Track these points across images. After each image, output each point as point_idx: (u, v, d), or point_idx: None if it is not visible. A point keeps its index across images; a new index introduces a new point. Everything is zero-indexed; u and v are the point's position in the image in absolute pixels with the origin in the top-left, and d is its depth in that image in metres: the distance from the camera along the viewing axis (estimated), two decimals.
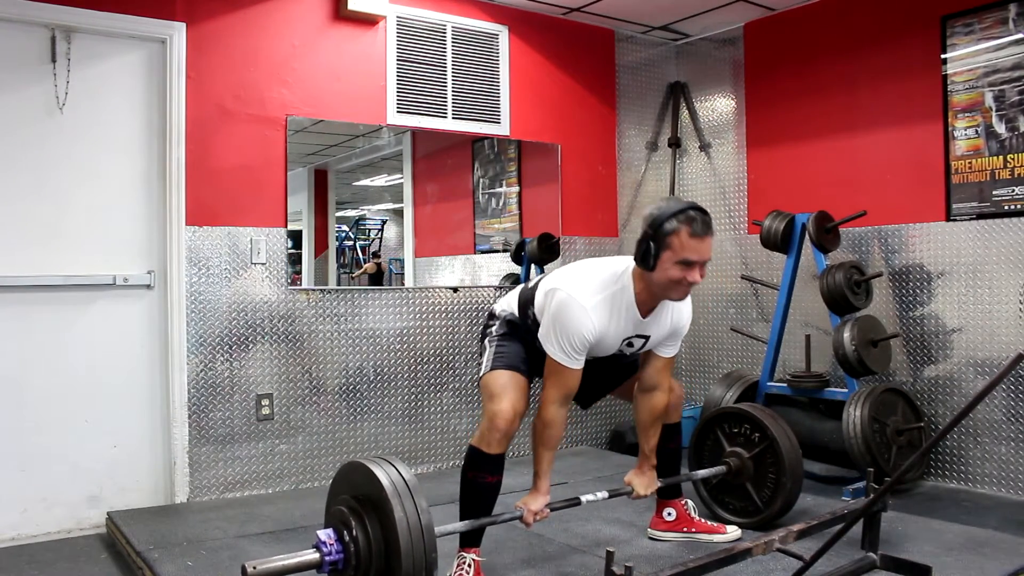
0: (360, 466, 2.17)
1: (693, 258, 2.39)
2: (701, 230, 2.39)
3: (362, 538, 2.06)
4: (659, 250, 2.40)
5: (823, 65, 4.51)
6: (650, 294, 2.51)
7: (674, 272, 2.41)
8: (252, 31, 3.85)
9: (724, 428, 3.22)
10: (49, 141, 3.46)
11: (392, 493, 2.04)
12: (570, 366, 2.50)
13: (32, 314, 3.42)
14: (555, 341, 2.49)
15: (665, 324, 2.64)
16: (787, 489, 3.00)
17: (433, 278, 4.71)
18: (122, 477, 3.57)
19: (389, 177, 4.98)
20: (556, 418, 2.52)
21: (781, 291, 4.34)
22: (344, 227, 5.22)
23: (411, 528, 2.01)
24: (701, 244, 2.40)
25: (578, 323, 2.45)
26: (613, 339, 2.57)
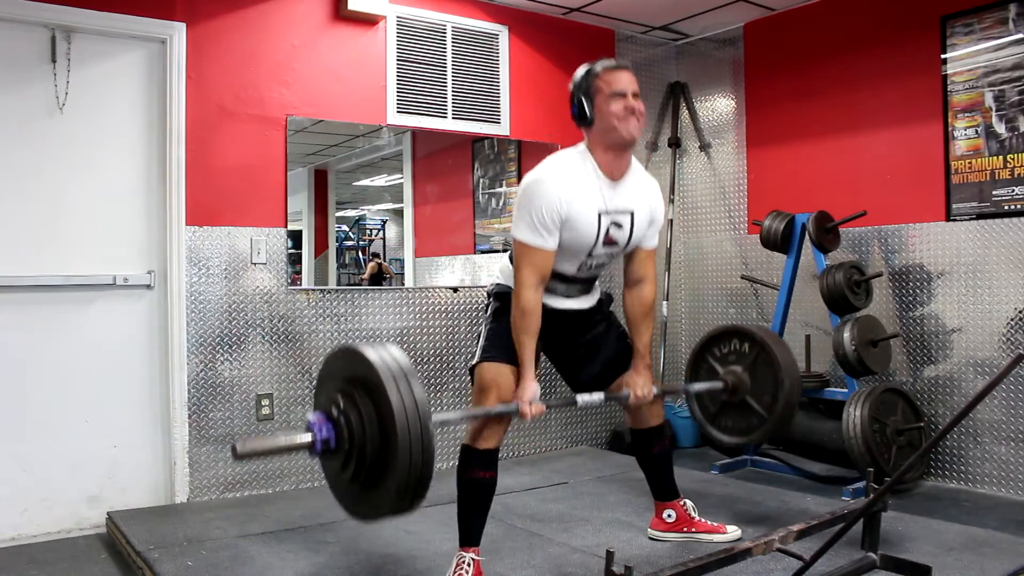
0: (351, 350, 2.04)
1: (622, 88, 2.51)
2: (616, 64, 2.57)
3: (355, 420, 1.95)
4: (590, 97, 2.53)
5: (823, 65, 4.51)
6: (607, 151, 2.56)
7: (613, 108, 2.50)
8: (252, 31, 3.85)
9: (714, 353, 3.08)
10: (49, 141, 3.46)
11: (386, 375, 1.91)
12: (542, 245, 2.48)
13: (32, 314, 3.42)
14: (525, 219, 2.48)
15: (642, 201, 2.66)
16: (786, 388, 2.87)
17: (433, 278, 4.71)
18: (122, 477, 3.57)
19: (389, 177, 4.98)
20: (531, 303, 2.49)
21: (781, 291, 4.34)
22: (344, 227, 5.22)
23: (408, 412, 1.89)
24: (622, 74, 2.54)
25: (545, 193, 2.47)
26: (589, 214, 2.52)
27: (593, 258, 2.64)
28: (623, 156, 2.60)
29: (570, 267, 2.63)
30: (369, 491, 2.00)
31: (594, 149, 2.57)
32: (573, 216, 2.49)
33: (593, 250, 2.59)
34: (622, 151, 2.58)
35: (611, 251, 2.65)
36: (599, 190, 2.55)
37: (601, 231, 2.56)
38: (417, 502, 1.96)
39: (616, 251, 2.67)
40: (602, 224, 2.56)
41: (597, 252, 2.61)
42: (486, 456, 2.55)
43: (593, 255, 2.62)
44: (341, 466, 2.01)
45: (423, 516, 3.34)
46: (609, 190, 2.57)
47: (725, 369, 3.03)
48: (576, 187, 2.51)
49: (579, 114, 2.56)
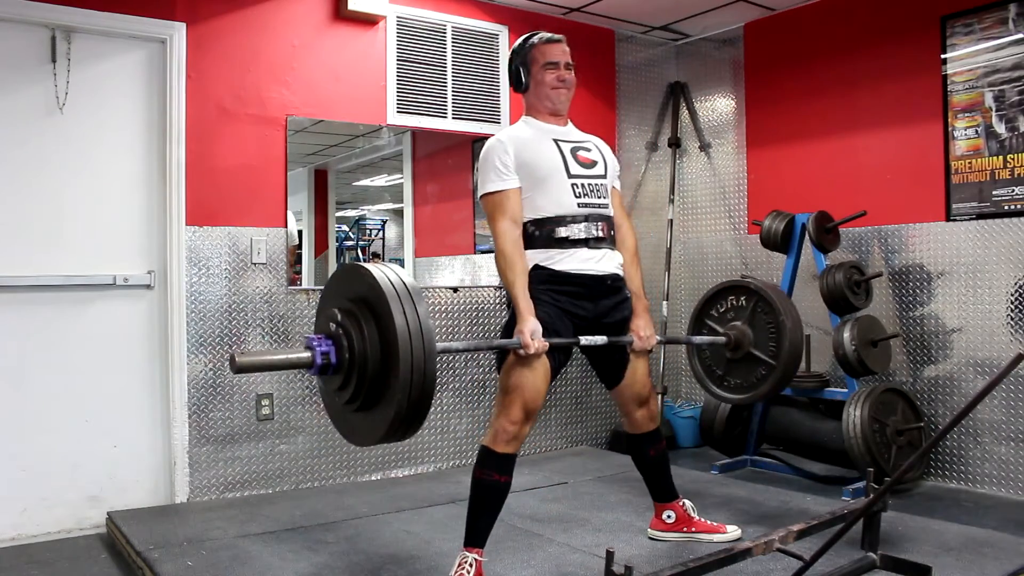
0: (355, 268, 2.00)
1: (555, 58, 2.73)
2: (549, 36, 2.77)
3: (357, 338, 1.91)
4: (526, 66, 2.74)
5: (823, 65, 4.51)
6: (542, 109, 2.76)
7: (547, 76, 2.71)
8: (252, 31, 3.85)
9: (712, 315, 3.07)
10: (49, 141, 3.46)
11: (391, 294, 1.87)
12: (503, 187, 2.59)
13: (32, 314, 3.42)
14: (484, 174, 2.63)
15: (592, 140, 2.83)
16: (789, 329, 2.87)
17: (433, 278, 4.71)
18: (122, 477, 3.57)
19: (389, 177, 4.98)
20: (507, 238, 2.56)
21: None
22: (344, 227, 5.23)
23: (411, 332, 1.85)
24: (556, 46, 2.75)
25: (493, 144, 2.66)
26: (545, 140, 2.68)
27: (579, 180, 2.67)
28: (561, 117, 2.80)
29: (564, 196, 2.64)
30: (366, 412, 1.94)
31: (531, 110, 2.80)
32: (526, 148, 2.65)
33: (569, 169, 2.67)
34: (557, 116, 2.78)
35: (594, 172, 2.72)
36: (548, 130, 2.74)
37: (565, 153, 2.69)
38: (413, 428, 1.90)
39: (599, 172, 2.74)
40: (563, 148, 2.70)
41: (576, 171, 2.68)
42: (504, 460, 2.54)
43: (574, 175, 2.67)
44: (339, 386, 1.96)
45: (423, 516, 3.34)
46: (556, 128, 2.76)
47: (726, 326, 3.03)
48: (525, 132, 2.73)
49: (515, 81, 2.78)
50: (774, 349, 2.91)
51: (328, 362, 1.93)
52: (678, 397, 5.33)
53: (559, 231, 2.61)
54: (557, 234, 2.60)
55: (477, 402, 4.39)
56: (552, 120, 2.77)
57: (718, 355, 3.04)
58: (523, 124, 2.78)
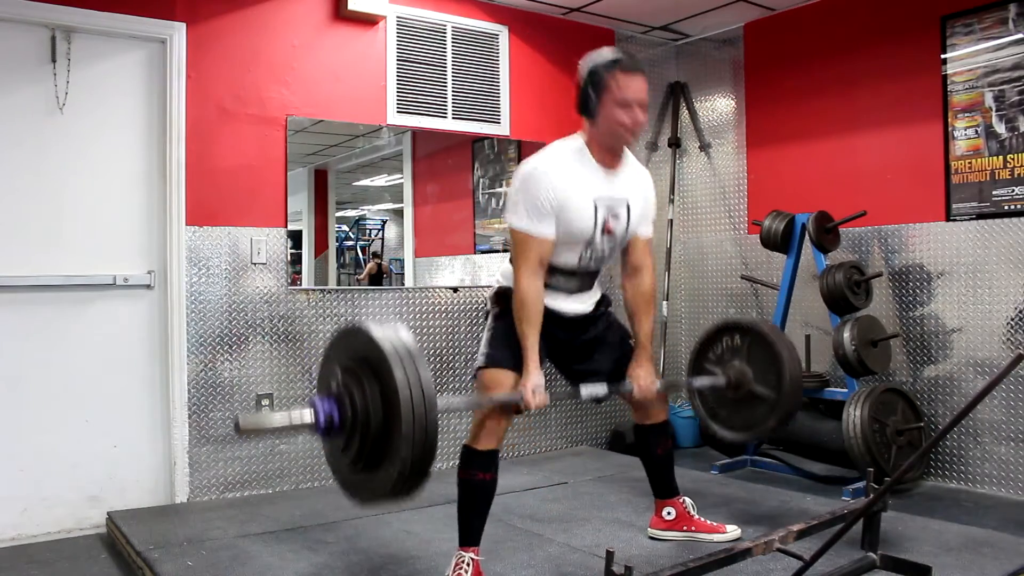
0: (357, 329, 2.01)
1: (630, 96, 2.49)
2: (632, 65, 2.52)
3: (359, 399, 1.92)
4: (599, 95, 2.50)
5: (823, 65, 4.51)
6: (601, 145, 2.58)
7: (617, 114, 2.49)
8: (252, 31, 3.85)
9: (710, 358, 3.05)
10: (49, 141, 3.46)
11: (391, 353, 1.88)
12: (538, 233, 2.48)
13: (32, 314, 3.42)
14: (520, 207, 2.48)
15: (637, 191, 2.68)
16: (786, 361, 2.85)
17: (433, 278, 4.71)
18: (122, 477, 3.57)
19: (389, 177, 4.98)
20: (531, 291, 2.49)
21: (781, 291, 4.34)
22: (344, 227, 5.22)
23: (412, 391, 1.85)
24: (635, 80, 2.50)
25: (539, 179, 2.48)
26: (585, 201, 2.53)
27: (593, 249, 2.62)
28: (615, 160, 2.63)
29: (571, 258, 2.62)
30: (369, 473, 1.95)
31: (591, 141, 2.59)
32: (568, 202, 2.50)
33: (592, 240, 2.59)
34: (614, 156, 2.62)
35: (610, 242, 2.64)
36: (594, 178, 2.57)
37: (598, 220, 2.57)
38: (417, 487, 1.91)
39: (615, 243, 2.66)
40: (598, 212, 2.56)
41: (596, 242, 2.60)
42: (487, 457, 2.54)
43: (592, 245, 2.61)
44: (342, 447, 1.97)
45: (423, 516, 3.34)
46: (604, 178, 2.59)
47: (724, 367, 3.01)
48: (571, 173, 2.52)
49: (583, 105, 2.56)
50: (774, 384, 2.92)
51: (331, 423, 1.94)
52: (678, 397, 5.33)
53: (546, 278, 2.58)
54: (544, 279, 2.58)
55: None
56: (606, 159, 2.59)
57: (720, 396, 3.06)
58: (575, 157, 2.56)
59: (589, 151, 2.58)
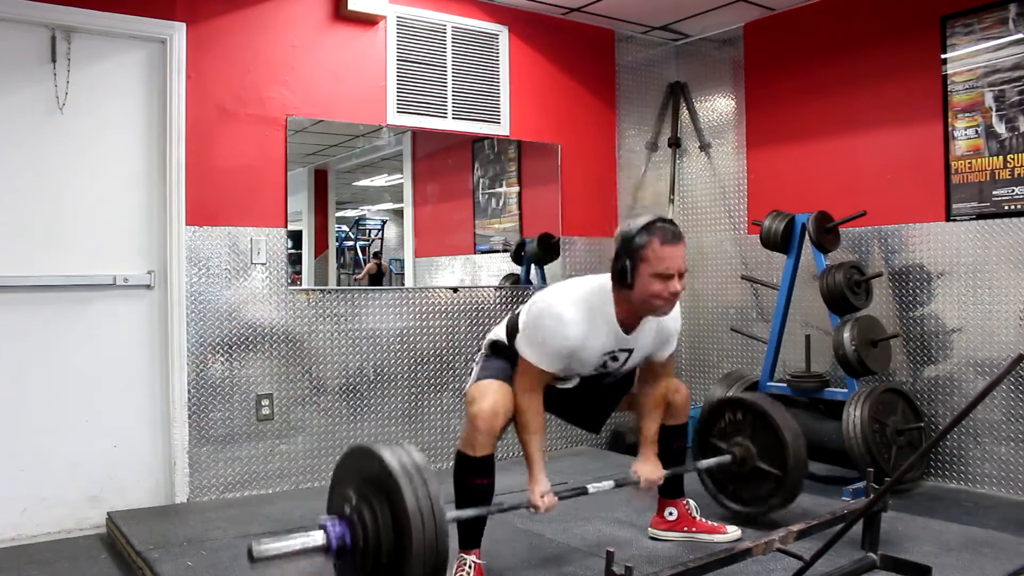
0: (368, 450, 2.06)
1: (670, 269, 2.43)
2: (671, 237, 2.45)
3: (371, 523, 1.95)
4: (635, 265, 2.44)
5: (823, 65, 4.51)
6: (631, 312, 2.54)
7: (654, 286, 2.44)
8: (252, 31, 3.85)
9: (714, 432, 3.19)
10: (49, 141, 3.46)
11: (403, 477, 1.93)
12: (543, 369, 2.54)
13: (32, 314, 3.42)
14: (533, 344, 2.52)
15: (648, 337, 2.65)
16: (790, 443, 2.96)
17: (433, 278, 4.71)
18: (122, 477, 3.57)
19: (389, 177, 4.98)
20: (528, 404, 2.54)
21: (781, 291, 4.34)
22: (344, 227, 5.22)
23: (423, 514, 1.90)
24: (675, 251, 2.44)
25: (555, 331, 2.47)
26: (593, 353, 2.56)
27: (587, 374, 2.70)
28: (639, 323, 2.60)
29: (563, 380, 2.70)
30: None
31: (619, 302, 2.54)
32: (575, 354, 2.53)
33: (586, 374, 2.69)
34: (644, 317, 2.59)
35: (603, 371, 2.69)
36: (609, 337, 2.56)
37: (600, 363, 2.63)
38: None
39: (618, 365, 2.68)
40: (601, 359, 2.61)
41: (589, 375, 2.69)
42: (483, 463, 2.52)
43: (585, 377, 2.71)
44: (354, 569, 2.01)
45: None
46: (619, 337, 2.58)
47: (729, 443, 3.12)
48: (588, 332, 2.51)
49: (620, 273, 2.48)
50: (779, 460, 3.02)
51: (344, 545, 1.97)
52: None
53: None
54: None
55: None
56: (630, 320, 2.55)
57: (727, 471, 3.14)
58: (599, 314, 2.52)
59: (614, 308, 2.54)
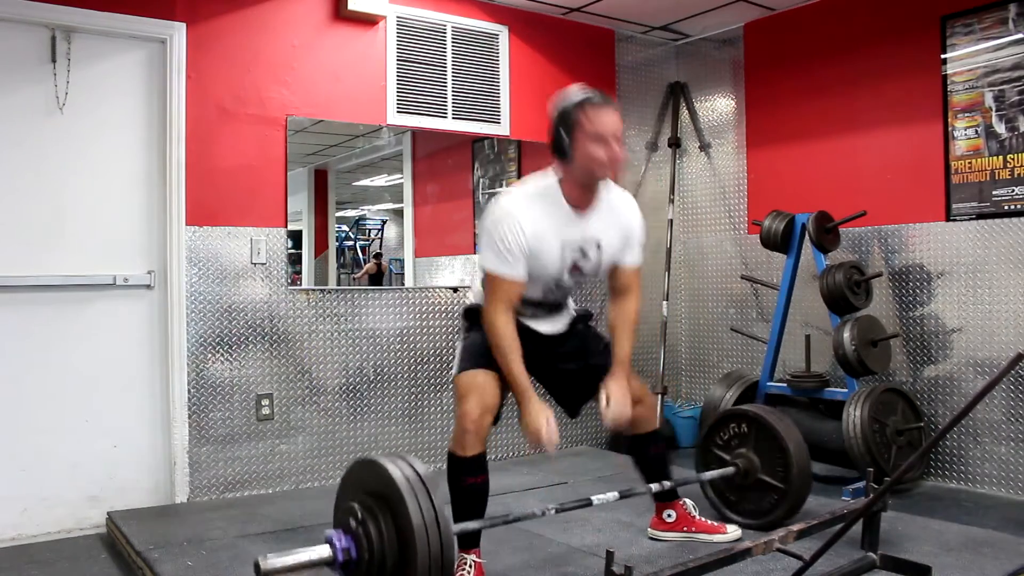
0: (372, 463, 2.09)
1: (605, 131, 2.45)
2: (602, 100, 2.49)
3: (376, 536, 1.98)
4: (572, 133, 2.46)
5: (823, 65, 4.51)
6: (576, 185, 2.54)
7: (593, 150, 2.45)
8: (252, 31, 3.85)
9: (717, 443, 3.20)
10: (49, 141, 3.46)
11: (407, 489, 1.96)
12: (508, 274, 2.49)
13: (32, 314, 3.42)
14: (491, 247, 2.49)
15: (610, 227, 2.63)
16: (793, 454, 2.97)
17: (433, 278, 4.71)
18: (122, 477, 3.57)
19: (389, 177, 4.98)
20: (501, 325, 2.49)
21: (781, 291, 4.34)
22: (344, 227, 5.22)
23: (428, 526, 1.93)
24: (607, 114, 2.47)
25: (509, 224, 2.47)
26: (553, 240, 2.52)
27: (560, 285, 2.65)
28: (588, 196, 2.59)
29: (535, 292, 2.63)
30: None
31: (564, 180, 2.56)
32: (536, 246, 2.50)
33: (559, 280, 2.62)
34: (588, 192, 2.58)
35: (578, 278, 2.66)
36: (564, 221, 2.54)
37: (566, 262, 2.58)
38: None
39: (582, 279, 2.67)
40: (566, 256, 2.57)
41: (564, 280, 2.63)
42: (474, 462, 2.52)
43: (560, 283, 2.64)
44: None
45: None
46: (575, 221, 2.56)
47: (732, 454, 3.12)
48: (539, 217, 2.50)
49: (557, 147, 2.51)
50: (782, 473, 3.03)
51: (349, 558, 2.00)
52: (678, 397, 5.33)
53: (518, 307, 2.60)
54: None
55: None
56: (580, 199, 2.55)
57: (730, 482, 3.16)
58: (545, 198, 2.54)
59: (561, 191, 2.55)
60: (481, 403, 2.51)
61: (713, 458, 3.21)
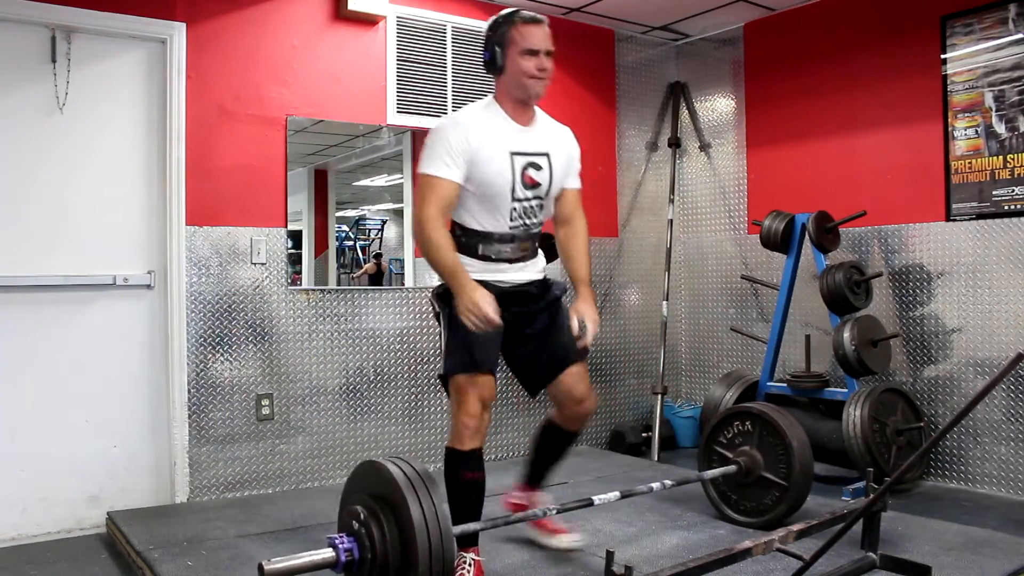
0: (374, 465, 2.12)
1: (536, 45, 2.57)
2: (531, 17, 2.62)
3: (378, 537, 2.01)
4: (504, 48, 2.60)
5: (823, 65, 4.51)
6: (513, 99, 2.63)
7: (524, 64, 2.57)
8: (252, 31, 3.85)
9: (721, 441, 3.20)
10: (49, 141, 3.46)
11: (408, 490, 1.99)
12: (446, 175, 2.52)
13: (32, 314, 3.42)
14: (430, 154, 2.54)
15: (556, 145, 2.71)
16: (796, 450, 2.98)
17: (433, 278, 4.69)
18: (122, 477, 3.57)
19: (389, 177, 4.98)
20: (438, 237, 2.50)
21: (781, 291, 4.34)
22: (344, 227, 5.22)
23: (428, 526, 1.96)
24: (537, 29, 2.60)
25: (451, 128, 2.55)
26: (501, 148, 2.57)
27: (520, 203, 2.62)
28: (529, 107, 2.68)
29: (501, 218, 2.62)
30: None
31: (501, 98, 2.65)
32: (481, 151, 2.54)
33: (515, 192, 2.60)
34: (528, 104, 2.66)
35: (536, 193, 2.65)
36: (508, 132, 2.61)
37: (516, 171, 2.59)
38: None
39: (541, 193, 2.67)
40: (516, 165, 2.59)
41: (520, 195, 2.61)
42: (472, 456, 2.53)
43: (517, 198, 2.61)
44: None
45: None
46: (519, 133, 2.63)
47: (735, 452, 3.14)
48: (483, 127, 2.58)
49: (491, 62, 2.64)
50: (784, 471, 3.03)
51: (352, 559, 2.03)
52: (678, 397, 5.33)
53: (484, 248, 2.62)
54: (481, 251, 2.62)
55: None
56: (518, 111, 2.64)
57: (731, 480, 3.16)
58: (486, 111, 2.63)
59: (500, 107, 2.64)
60: (481, 400, 2.53)
61: (716, 456, 3.21)
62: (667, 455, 4.74)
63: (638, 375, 5.12)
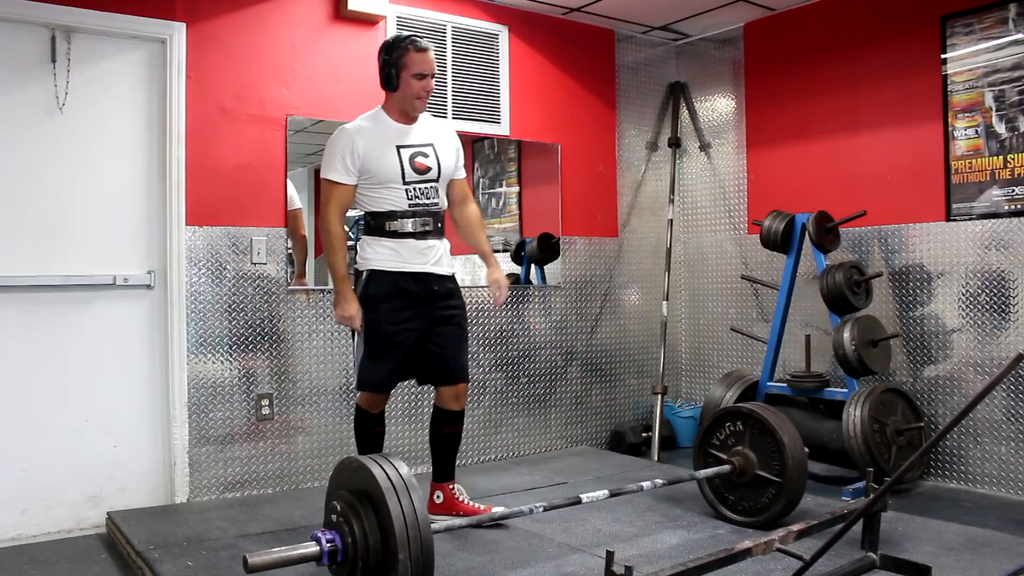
0: (355, 462, 2.22)
1: (425, 70, 3.04)
2: (424, 45, 3.06)
3: (359, 532, 2.10)
4: (398, 70, 3.04)
5: (823, 65, 4.51)
6: (398, 110, 3.11)
7: (414, 85, 3.04)
8: (252, 31, 3.85)
9: (714, 443, 3.22)
10: (49, 141, 3.46)
11: (387, 489, 2.09)
12: (344, 181, 3.02)
13: (32, 314, 3.42)
14: (328, 159, 3.03)
15: (441, 139, 3.16)
16: (788, 446, 3.00)
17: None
18: (122, 477, 3.57)
19: None
20: (338, 232, 3.03)
21: (781, 291, 4.34)
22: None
23: (407, 523, 2.05)
24: (427, 56, 3.05)
25: (343, 135, 3.04)
26: (388, 146, 3.03)
27: (413, 186, 3.05)
28: (411, 120, 3.14)
29: (399, 196, 3.03)
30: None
31: (389, 108, 3.12)
32: (369, 152, 3.00)
33: (405, 176, 3.03)
34: (413, 113, 3.13)
35: (428, 177, 3.07)
36: (394, 133, 3.08)
37: (404, 160, 3.04)
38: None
39: (432, 177, 3.09)
40: (403, 155, 3.04)
41: (411, 178, 3.04)
42: (379, 417, 3.18)
43: (408, 181, 3.04)
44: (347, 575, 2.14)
45: None
46: (404, 131, 3.10)
47: (729, 453, 3.16)
48: (369, 131, 3.06)
49: (387, 79, 3.07)
50: (778, 467, 3.05)
51: (335, 549, 2.13)
52: (678, 397, 5.33)
53: (390, 224, 3.04)
54: (389, 227, 3.03)
55: (477, 402, 4.39)
56: (403, 120, 3.11)
57: (727, 480, 3.18)
58: (374, 120, 3.10)
59: (387, 115, 3.11)
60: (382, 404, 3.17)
61: (711, 458, 3.21)
62: (667, 455, 4.74)
63: (638, 375, 5.12)
